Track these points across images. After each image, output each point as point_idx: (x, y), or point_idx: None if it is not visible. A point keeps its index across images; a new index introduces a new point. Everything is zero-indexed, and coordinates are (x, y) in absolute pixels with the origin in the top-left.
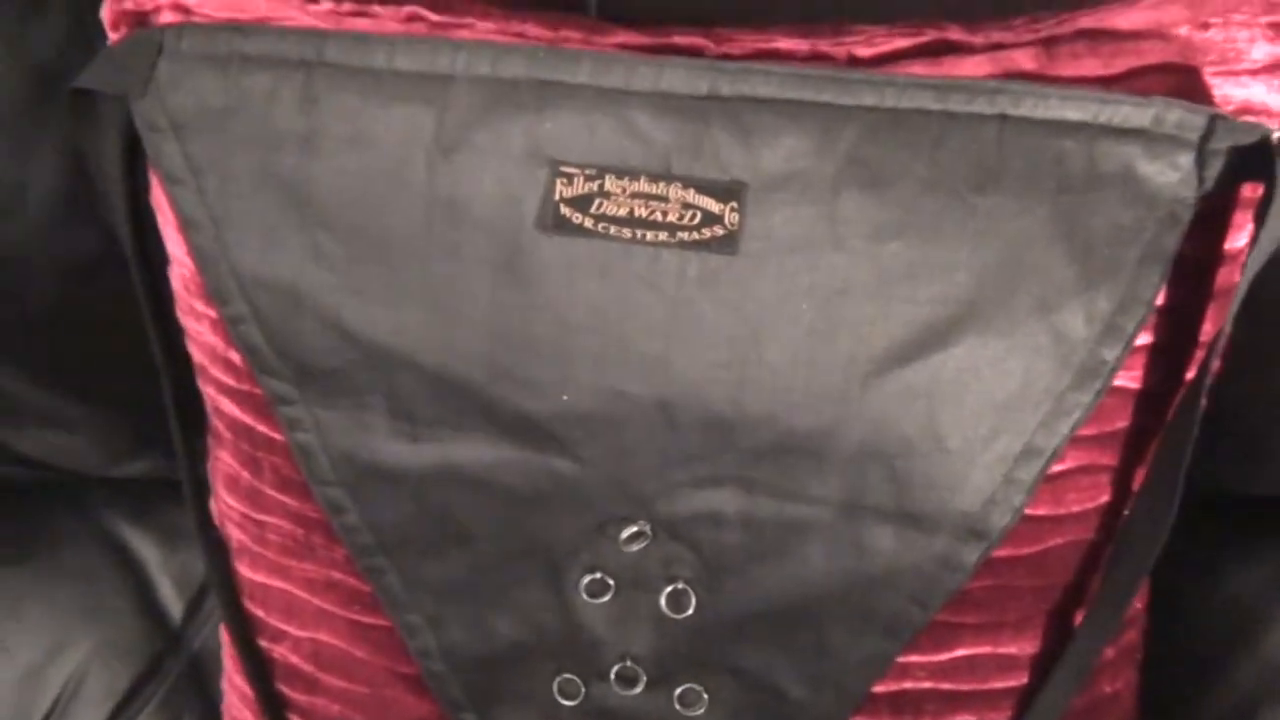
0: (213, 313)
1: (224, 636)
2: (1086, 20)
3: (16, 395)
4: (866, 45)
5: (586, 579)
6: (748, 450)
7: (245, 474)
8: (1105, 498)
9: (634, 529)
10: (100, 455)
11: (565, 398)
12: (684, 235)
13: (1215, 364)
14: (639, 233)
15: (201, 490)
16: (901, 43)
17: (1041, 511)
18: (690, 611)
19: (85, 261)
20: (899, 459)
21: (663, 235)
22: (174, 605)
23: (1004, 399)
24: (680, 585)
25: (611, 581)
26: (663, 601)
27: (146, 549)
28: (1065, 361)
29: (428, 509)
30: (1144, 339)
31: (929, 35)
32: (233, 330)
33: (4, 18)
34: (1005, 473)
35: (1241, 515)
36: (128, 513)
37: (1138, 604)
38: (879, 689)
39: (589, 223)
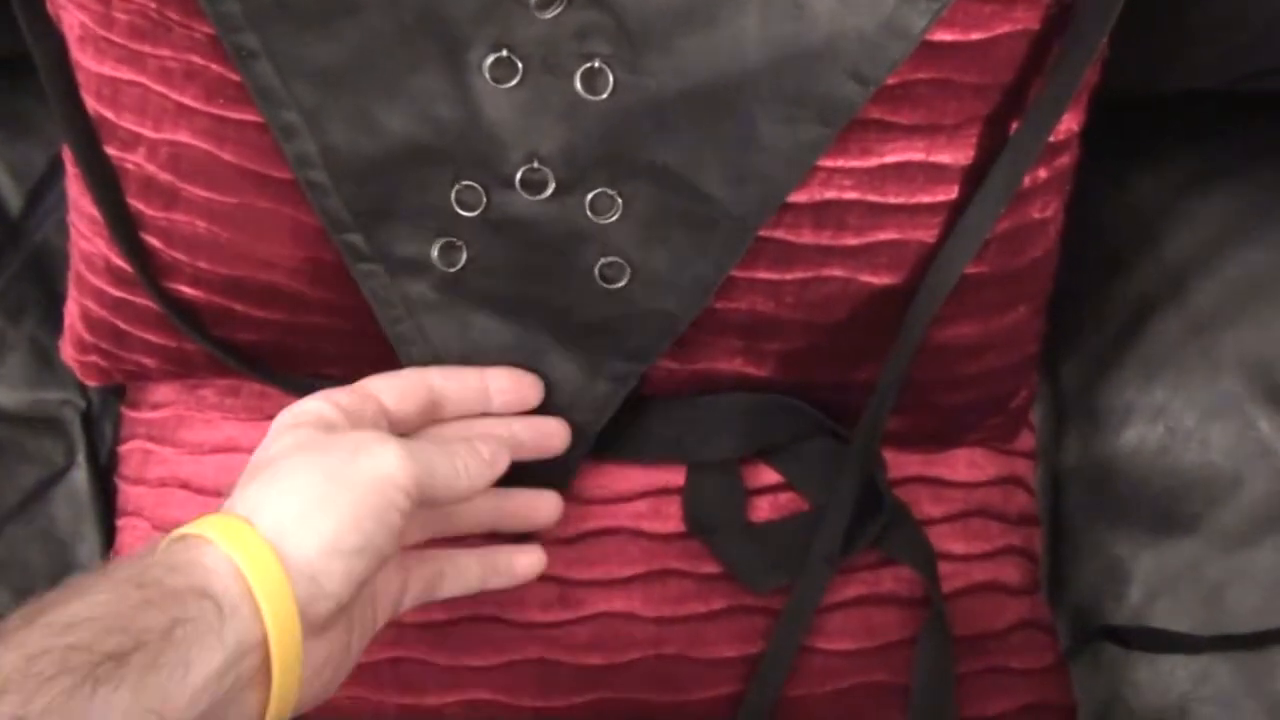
0: None
1: (65, 152)
2: None
3: None
4: None
5: (491, 58)
6: None
7: None
8: None
9: None
10: None
11: None
12: None
13: None
14: None
15: None
16: None
17: None
18: (606, 94)
19: None
20: None
21: None
22: (12, 198)
23: None
24: (597, 64)
25: (520, 63)
26: (577, 83)
27: None
28: None
29: None
30: None
31: None
32: None
33: None
34: None
35: (1146, 120)
36: None
37: (1073, 125)
38: (802, 198)
39: None
